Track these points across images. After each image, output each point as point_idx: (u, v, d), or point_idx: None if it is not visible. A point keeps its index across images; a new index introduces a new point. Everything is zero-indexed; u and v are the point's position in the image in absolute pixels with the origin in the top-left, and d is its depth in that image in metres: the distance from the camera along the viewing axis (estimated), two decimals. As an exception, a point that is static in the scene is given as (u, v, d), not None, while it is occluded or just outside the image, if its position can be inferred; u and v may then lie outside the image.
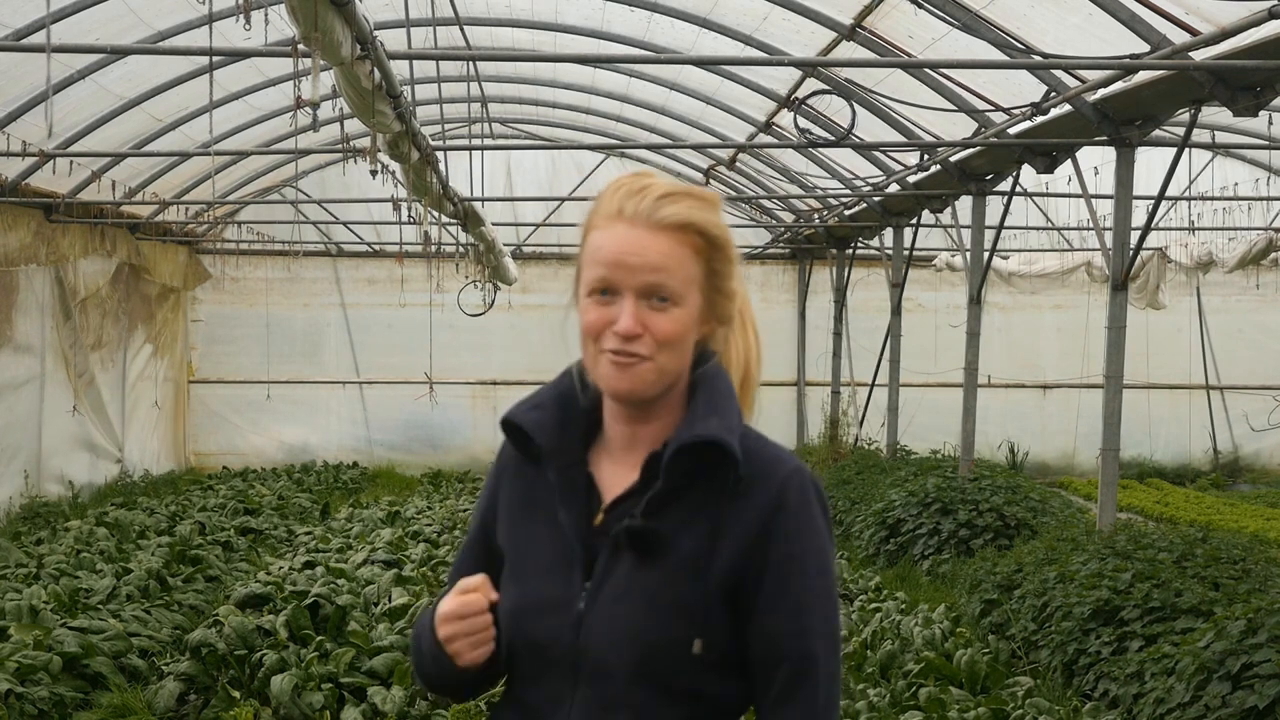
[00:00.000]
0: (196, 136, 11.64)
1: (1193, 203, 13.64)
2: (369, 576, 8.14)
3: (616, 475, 1.86)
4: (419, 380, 15.42)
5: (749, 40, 9.64)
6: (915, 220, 12.80)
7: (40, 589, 7.59)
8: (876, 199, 12.46)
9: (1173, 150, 7.82)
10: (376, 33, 5.89)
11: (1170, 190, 8.61)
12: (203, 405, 16.37)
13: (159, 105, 10.72)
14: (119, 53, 8.39)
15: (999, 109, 8.72)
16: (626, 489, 1.84)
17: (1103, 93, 7.70)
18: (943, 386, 15.07)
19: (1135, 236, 8.12)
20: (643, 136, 13.96)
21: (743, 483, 1.80)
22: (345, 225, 15.77)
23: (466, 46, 9.79)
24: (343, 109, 6.80)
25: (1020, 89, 8.60)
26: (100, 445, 13.48)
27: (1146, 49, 6.82)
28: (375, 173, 7.72)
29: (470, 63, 10.82)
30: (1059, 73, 7.86)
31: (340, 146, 12.15)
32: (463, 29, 9.35)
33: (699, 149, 13.95)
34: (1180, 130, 9.46)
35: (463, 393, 16.27)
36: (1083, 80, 7.72)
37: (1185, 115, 8.04)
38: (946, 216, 12.13)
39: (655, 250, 1.76)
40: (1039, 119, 8.42)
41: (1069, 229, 14.86)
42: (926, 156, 10.46)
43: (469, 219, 11.13)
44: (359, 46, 5.63)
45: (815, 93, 9.46)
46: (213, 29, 6.41)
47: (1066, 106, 7.98)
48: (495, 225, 12.19)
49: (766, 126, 11.87)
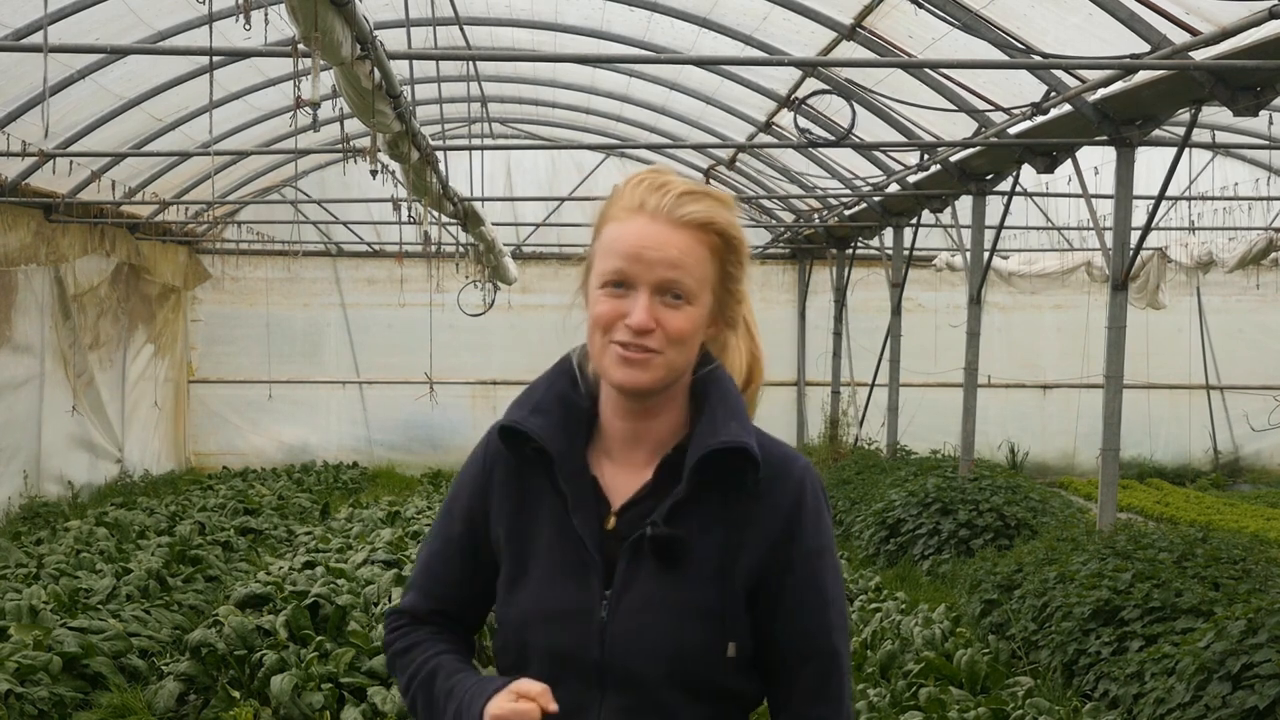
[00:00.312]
0: (196, 136, 11.63)
1: (1193, 203, 13.63)
2: (369, 576, 8.12)
3: (620, 476, 1.85)
4: (419, 380, 15.45)
5: (749, 40, 9.64)
6: (915, 220, 12.80)
7: (40, 589, 7.59)
8: (876, 199, 12.46)
9: (1173, 150, 7.81)
10: (376, 33, 5.89)
11: (1170, 190, 8.60)
12: (203, 405, 16.37)
13: (159, 105, 10.72)
14: (119, 53, 8.38)
15: (999, 109, 8.72)
16: (637, 492, 1.83)
17: (1103, 92, 7.70)
18: (943, 386, 15.06)
19: (1135, 236, 8.11)
20: (643, 136, 13.95)
21: (761, 484, 1.80)
22: (345, 225, 15.77)
23: (466, 46, 9.79)
24: (343, 109, 6.79)
25: (1020, 89, 8.59)
26: (100, 445, 13.47)
27: (1147, 49, 6.82)
28: (375, 173, 7.71)
29: (470, 63, 10.82)
30: (1059, 73, 7.86)
31: (340, 146, 12.12)
32: (462, 29, 9.35)
33: (699, 149, 13.94)
34: (1180, 130, 9.47)
35: (463, 393, 16.27)
36: (1083, 80, 7.71)
37: (1185, 115, 8.05)
38: (946, 216, 12.12)
39: (675, 246, 1.76)
40: (1039, 119, 8.42)
41: (1069, 229, 14.84)
42: (926, 156, 10.46)
43: (469, 219, 11.13)
44: (359, 46, 5.63)
45: (815, 93, 9.46)
46: (212, 29, 6.38)
47: (1066, 106, 7.98)
48: (495, 225, 12.19)
49: (766, 126, 11.86)
